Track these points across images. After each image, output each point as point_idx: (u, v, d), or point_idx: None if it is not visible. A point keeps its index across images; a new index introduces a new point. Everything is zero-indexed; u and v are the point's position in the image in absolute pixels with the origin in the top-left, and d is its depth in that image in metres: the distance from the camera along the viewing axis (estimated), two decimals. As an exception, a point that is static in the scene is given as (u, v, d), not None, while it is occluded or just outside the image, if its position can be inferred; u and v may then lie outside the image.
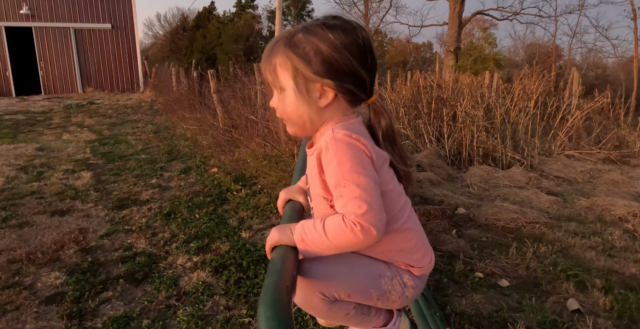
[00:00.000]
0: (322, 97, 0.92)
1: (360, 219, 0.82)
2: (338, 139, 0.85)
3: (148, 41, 34.72)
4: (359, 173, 0.84)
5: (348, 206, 0.83)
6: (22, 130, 8.09)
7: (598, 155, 6.04)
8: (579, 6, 21.79)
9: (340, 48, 0.89)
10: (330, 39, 0.88)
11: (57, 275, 2.60)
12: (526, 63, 13.27)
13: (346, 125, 0.90)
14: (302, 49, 0.89)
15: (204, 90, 8.57)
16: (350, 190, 0.83)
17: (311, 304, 0.92)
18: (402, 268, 0.99)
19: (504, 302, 2.27)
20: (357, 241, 0.83)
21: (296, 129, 0.97)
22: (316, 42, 0.89)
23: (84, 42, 16.01)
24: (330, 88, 0.91)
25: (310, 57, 0.89)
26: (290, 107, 0.93)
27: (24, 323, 2.15)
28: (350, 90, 0.92)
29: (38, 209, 3.75)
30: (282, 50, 0.91)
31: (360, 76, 0.92)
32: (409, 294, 1.00)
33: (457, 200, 3.96)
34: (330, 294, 0.91)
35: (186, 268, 2.70)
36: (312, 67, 0.89)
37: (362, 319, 1.01)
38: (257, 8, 30.73)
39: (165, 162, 5.55)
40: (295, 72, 0.90)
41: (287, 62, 0.90)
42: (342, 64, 0.89)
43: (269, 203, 3.76)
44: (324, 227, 0.85)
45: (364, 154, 0.86)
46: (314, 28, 0.90)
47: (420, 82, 6.78)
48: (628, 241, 3.15)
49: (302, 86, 0.90)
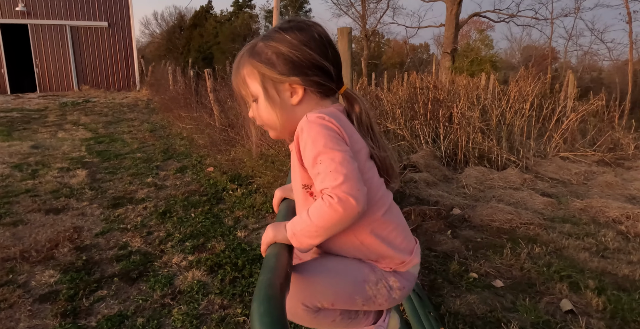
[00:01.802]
0: (293, 95, 0.96)
1: (336, 190, 0.81)
2: (311, 121, 0.88)
3: (145, 40, 34.64)
4: (333, 148, 0.85)
5: (325, 181, 0.83)
6: (16, 127, 8.04)
7: (592, 157, 6.08)
8: (575, 9, 21.90)
9: (298, 45, 0.93)
10: (288, 40, 0.93)
11: (52, 273, 2.58)
12: (522, 66, 13.33)
13: (321, 110, 0.92)
14: (264, 54, 0.94)
15: (201, 89, 8.56)
16: (326, 165, 0.83)
17: (295, 315, 0.92)
18: (386, 270, 0.98)
19: (498, 302, 2.28)
20: (337, 215, 0.81)
21: (277, 132, 1.00)
22: (276, 46, 0.93)
23: (80, 40, 15.94)
24: (298, 84, 0.94)
25: (273, 60, 0.93)
26: (265, 112, 0.96)
27: (18, 321, 2.14)
28: (317, 82, 0.95)
29: (32, 207, 3.73)
30: (247, 60, 0.96)
31: (324, 66, 0.95)
32: (396, 296, 0.98)
33: (452, 201, 3.97)
34: (312, 305, 0.90)
35: (181, 267, 2.69)
36: (277, 69, 0.93)
37: (350, 323, 1.01)
38: (255, 7, 30.66)
39: (161, 161, 5.53)
40: (262, 78, 0.94)
41: (253, 70, 0.95)
42: (303, 60, 0.93)
43: (265, 202, 3.76)
44: (308, 213, 0.85)
45: (336, 133, 0.88)
46: (271, 34, 0.96)
47: (417, 83, 6.79)
48: (621, 242, 3.17)
49: (272, 90, 0.95)
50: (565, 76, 9.10)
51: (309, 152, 0.86)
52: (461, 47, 20.17)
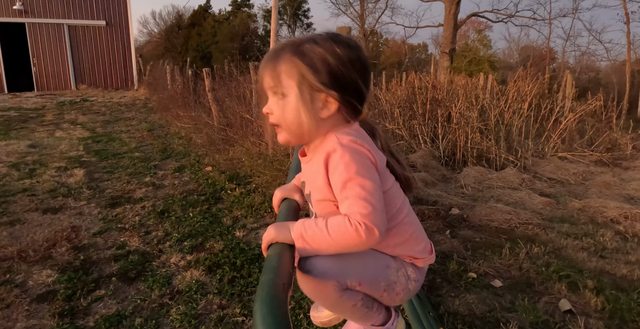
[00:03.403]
0: (324, 107, 0.93)
1: (365, 219, 0.84)
2: (344, 145, 0.88)
3: (143, 39, 34.54)
4: (364, 176, 0.86)
5: (353, 207, 0.85)
6: (14, 126, 8.01)
7: (590, 157, 6.09)
8: (573, 9, 22.03)
9: (346, 62, 0.91)
10: (337, 52, 0.91)
11: (49, 273, 2.57)
12: (520, 66, 13.35)
13: (349, 131, 0.93)
14: (310, 57, 0.91)
15: (199, 89, 8.54)
16: (356, 192, 0.85)
17: (323, 291, 0.92)
18: (406, 261, 1.04)
19: (496, 302, 2.28)
20: (359, 240, 0.84)
21: (291, 137, 0.97)
22: (324, 54, 0.90)
23: (77, 39, 15.89)
24: (335, 99, 0.92)
25: (317, 66, 0.90)
26: (290, 114, 0.93)
27: (15, 321, 2.13)
28: (351, 103, 0.94)
29: (30, 206, 3.72)
30: (289, 57, 0.92)
31: (361, 91, 0.95)
32: (411, 287, 1.04)
33: (451, 201, 3.98)
34: (343, 282, 0.93)
35: (179, 267, 2.69)
36: (319, 77, 0.90)
37: (365, 314, 1.02)
38: (253, 7, 30.58)
39: (159, 160, 5.52)
40: (301, 80, 0.91)
41: (294, 69, 0.91)
42: (347, 77, 0.91)
43: (263, 202, 3.75)
44: (327, 225, 0.86)
45: (369, 159, 0.89)
46: (319, 39, 0.93)
47: (415, 83, 6.79)
48: (619, 242, 3.17)
49: (307, 94, 0.91)
50: (563, 76, 9.12)
51: (339, 176, 0.87)
52: (459, 47, 20.16)
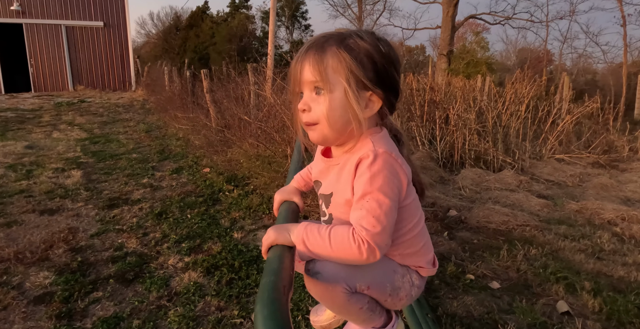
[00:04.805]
0: (367, 107, 0.89)
1: (370, 238, 0.82)
2: (379, 154, 0.85)
3: (140, 40, 34.50)
4: (386, 194, 0.84)
5: (363, 221, 0.83)
6: (11, 127, 7.98)
7: (587, 159, 6.11)
8: (570, 12, 22.08)
9: (390, 61, 0.88)
10: (381, 50, 0.87)
11: (46, 275, 2.56)
12: (518, 68, 13.39)
13: (386, 139, 0.89)
14: (357, 52, 0.86)
15: (197, 90, 8.53)
16: (372, 207, 0.83)
17: (332, 294, 0.91)
18: (411, 268, 1.04)
19: (494, 304, 2.28)
20: (359, 257, 0.83)
21: (330, 135, 0.90)
22: (370, 50, 0.86)
23: (75, 40, 15.86)
24: (380, 98, 0.88)
25: (365, 62, 0.86)
26: (337, 112, 0.87)
27: (12, 323, 2.12)
28: (391, 103, 0.91)
29: (27, 208, 3.70)
30: (336, 50, 0.86)
31: (398, 91, 0.92)
32: (413, 293, 1.04)
33: (448, 203, 3.98)
34: (352, 285, 0.92)
35: (177, 269, 2.68)
36: (367, 74, 0.86)
37: (369, 317, 1.02)
38: (251, 8, 30.60)
39: (156, 162, 5.51)
40: (349, 76, 0.86)
41: (343, 63, 0.86)
42: (390, 76, 0.89)
43: (262, 203, 3.74)
44: (330, 235, 0.84)
45: (398, 175, 0.86)
46: (363, 34, 0.88)
47: (413, 85, 6.80)
48: (617, 244, 3.18)
49: (355, 91, 0.86)
50: (560, 78, 9.15)
51: (362, 184, 0.84)
52: (457, 49, 20.24)
